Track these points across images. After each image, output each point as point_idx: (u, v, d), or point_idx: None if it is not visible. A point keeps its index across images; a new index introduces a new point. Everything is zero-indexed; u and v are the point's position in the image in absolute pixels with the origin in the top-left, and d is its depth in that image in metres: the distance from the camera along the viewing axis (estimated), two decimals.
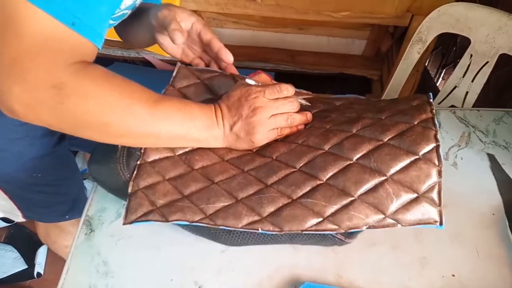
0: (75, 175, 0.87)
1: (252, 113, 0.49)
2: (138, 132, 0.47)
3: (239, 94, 0.51)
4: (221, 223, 0.48)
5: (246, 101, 0.50)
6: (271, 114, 0.50)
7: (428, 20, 0.95)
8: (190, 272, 0.52)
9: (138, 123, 0.46)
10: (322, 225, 0.46)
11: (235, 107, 0.50)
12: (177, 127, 0.48)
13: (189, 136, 0.49)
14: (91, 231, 0.56)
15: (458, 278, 0.50)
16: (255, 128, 0.50)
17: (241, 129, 0.50)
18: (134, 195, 0.51)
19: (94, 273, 0.52)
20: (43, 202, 0.81)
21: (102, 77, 0.44)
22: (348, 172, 0.47)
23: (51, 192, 0.80)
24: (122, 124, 0.45)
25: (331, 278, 0.50)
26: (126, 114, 0.45)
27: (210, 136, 0.51)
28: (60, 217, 0.85)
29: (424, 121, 0.49)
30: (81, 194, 0.88)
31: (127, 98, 0.45)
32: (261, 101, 0.50)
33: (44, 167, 0.74)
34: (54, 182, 0.79)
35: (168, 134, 0.48)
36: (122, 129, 0.45)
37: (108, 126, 0.45)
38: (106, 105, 0.43)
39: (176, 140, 0.50)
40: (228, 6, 1.32)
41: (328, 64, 1.62)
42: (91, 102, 0.42)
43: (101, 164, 0.54)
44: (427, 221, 0.45)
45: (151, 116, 0.46)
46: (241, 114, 0.50)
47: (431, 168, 0.45)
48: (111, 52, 1.67)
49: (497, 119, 0.69)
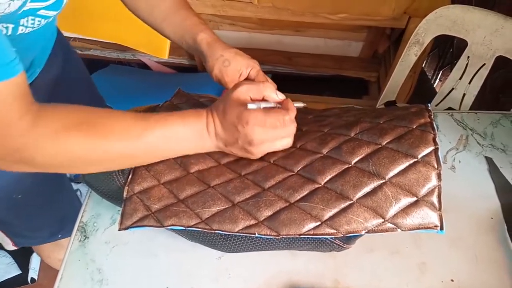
0: (62, 194, 0.82)
1: (249, 145, 0.47)
2: (122, 166, 0.49)
3: (234, 118, 0.46)
4: (217, 228, 0.47)
5: (242, 129, 0.45)
6: (271, 143, 0.49)
7: (425, 22, 0.95)
8: (187, 279, 0.51)
9: (123, 161, 0.46)
10: (320, 229, 0.45)
11: (230, 131, 0.47)
12: (162, 154, 0.49)
13: (177, 155, 0.51)
14: (85, 238, 0.55)
15: (457, 283, 0.50)
16: (253, 154, 0.49)
17: (238, 151, 0.49)
18: (129, 200, 0.50)
19: (89, 280, 0.51)
20: (29, 226, 0.77)
21: (63, 128, 0.40)
22: (346, 175, 0.47)
23: (36, 213, 0.76)
24: (104, 166, 0.46)
25: (329, 284, 0.50)
26: (105, 158, 0.44)
27: (201, 149, 0.51)
28: (52, 237, 0.82)
29: (422, 125, 0.48)
30: (72, 211, 0.81)
31: (103, 144, 0.42)
32: (259, 133, 0.45)
33: (24, 187, 0.69)
34: (37, 202, 0.75)
35: (153, 159, 0.50)
36: (104, 168, 0.47)
37: (89, 170, 0.46)
38: (78, 158, 0.42)
39: (162, 159, 0.51)
40: (225, 8, 1.31)
41: (325, 66, 1.62)
42: (60, 158, 0.41)
43: None
44: (427, 225, 0.44)
45: (134, 152, 0.46)
46: (236, 140, 0.47)
47: (430, 171, 0.45)
48: (106, 54, 1.66)
49: (494, 121, 0.69)
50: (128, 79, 1.60)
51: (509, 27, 0.86)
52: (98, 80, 1.52)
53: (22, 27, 0.46)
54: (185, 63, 1.66)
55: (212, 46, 0.56)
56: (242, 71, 0.55)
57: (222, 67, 0.55)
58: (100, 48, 1.65)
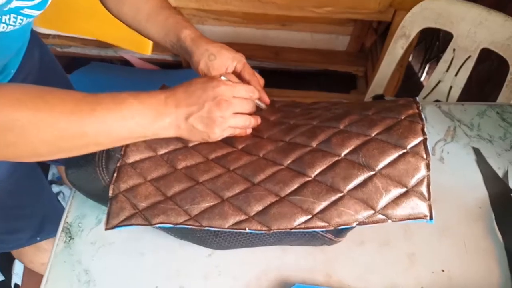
0: (42, 194, 0.80)
1: (216, 106, 0.46)
2: (74, 148, 0.43)
3: (203, 82, 0.47)
4: (206, 224, 0.46)
5: (212, 90, 0.46)
6: (234, 111, 0.48)
7: (410, 15, 0.95)
8: (176, 278, 0.50)
9: (72, 140, 0.41)
10: (311, 223, 0.45)
11: (196, 94, 0.46)
12: (117, 131, 0.43)
13: (133, 135, 0.45)
14: (71, 239, 0.54)
15: (447, 273, 0.50)
16: (215, 123, 0.46)
17: (199, 121, 0.46)
18: (115, 199, 0.49)
19: (76, 282, 0.50)
20: (9, 228, 0.74)
21: (9, 103, 0.38)
22: (336, 168, 0.47)
23: (13, 215, 0.73)
24: (54, 146, 0.41)
25: (320, 278, 0.50)
26: (54, 135, 0.40)
27: (158, 128, 0.45)
28: (30, 240, 0.78)
29: (411, 116, 0.48)
30: (51, 212, 0.80)
31: (47, 118, 0.39)
32: (228, 95, 0.47)
33: (3, 188, 0.67)
34: (17, 204, 0.72)
35: (108, 139, 0.44)
36: (54, 150, 0.42)
37: (39, 151, 0.41)
38: (26, 134, 0.39)
39: (120, 142, 0.46)
40: (209, 2, 1.29)
41: (312, 61, 1.62)
42: (8, 135, 0.38)
43: (79, 168, 0.51)
44: (417, 215, 0.44)
45: (83, 129, 0.41)
46: (202, 104, 0.45)
47: (419, 162, 0.45)
48: (87, 52, 1.62)
49: (480, 112, 0.69)
50: (110, 76, 1.57)
51: (492, 20, 0.87)
52: (79, 78, 1.48)
53: (4, 24, 0.44)
54: (169, 59, 1.64)
55: (197, 42, 0.55)
56: (228, 65, 0.55)
57: (208, 62, 0.54)
58: (80, 45, 1.61)
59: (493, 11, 0.87)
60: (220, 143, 0.53)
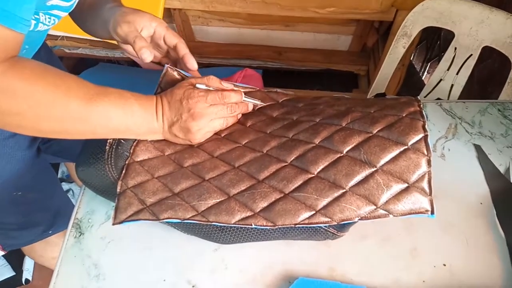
0: (56, 188, 0.83)
1: (191, 118, 0.50)
2: (73, 131, 0.46)
3: (181, 94, 0.51)
4: (213, 220, 0.48)
5: (186, 104, 0.50)
6: (209, 119, 0.52)
7: (412, 15, 0.96)
8: (183, 272, 0.51)
9: (74, 123, 0.45)
10: (314, 218, 0.46)
11: (175, 107, 0.51)
12: (115, 125, 0.48)
13: (128, 132, 0.50)
14: (81, 234, 0.55)
15: (449, 267, 0.51)
16: (192, 132, 0.51)
17: (179, 130, 0.51)
18: (123, 195, 0.50)
19: (85, 276, 0.51)
20: (20, 224, 0.77)
21: (33, 75, 0.42)
22: (338, 164, 0.48)
23: (31, 210, 0.76)
24: (57, 124, 0.44)
25: (324, 272, 0.51)
26: (61, 114, 0.43)
27: (149, 130, 0.51)
28: (43, 234, 0.81)
29: (412, 113, 0.49)
30: (63, 206, 0.83)
31: (62, 97, 0.43)
32: (201, 106, 0.50)
33: (24, 184, 0.71)
34: (35, 198, 0.75)
35: (105, 130, 0.48)
36: (56, 128, 0.45)
37: (41, 126, 0.43)
38: (38, 106, 0.42)
39: (114, 135, 0.51)
40: (214, 4, 1.31)
41: (315, 61, 1.63)
42: (22, 103, 0.41)
43: (89, 165, 0.53)
44: (418, 210, 0.45)
45: (89, 115, 0.45)
46: (180, 117, 0.50)
47: (420, 158, 0.46)
48: (95, 53, 1.65)
49: (482, 110, 0.70)
50: (118, 77, 1.59)
51: (494, 18, 0.88)
52: (87, 78, 1.49)
53: (41, 24, 0.49)
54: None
55: (113, 8, 0.57)
56: (145, 25, 0.55)
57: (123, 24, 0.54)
58: (89, 47, 1.63)
59: (495, 9, 0.88)
60: (224, 140, 0.54)
